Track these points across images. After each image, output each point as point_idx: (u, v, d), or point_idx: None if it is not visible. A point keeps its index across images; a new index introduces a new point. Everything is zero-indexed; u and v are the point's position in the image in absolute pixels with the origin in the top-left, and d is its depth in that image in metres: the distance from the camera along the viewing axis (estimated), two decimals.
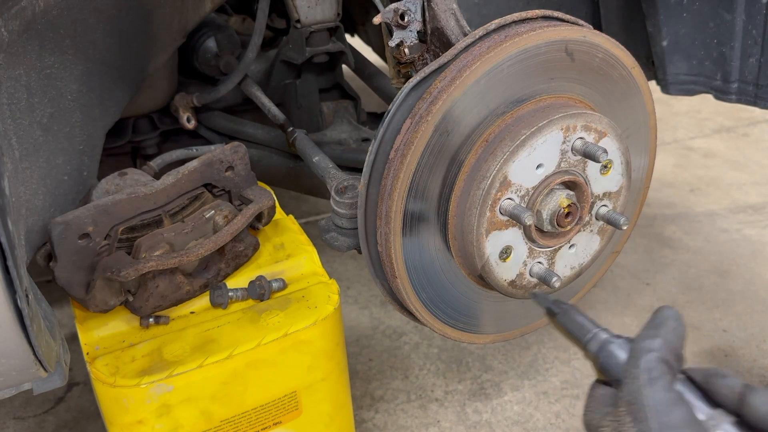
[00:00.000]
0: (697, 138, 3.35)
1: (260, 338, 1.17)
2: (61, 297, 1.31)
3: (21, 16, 1.00)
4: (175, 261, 1.16)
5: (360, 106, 1.96)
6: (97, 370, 1.12)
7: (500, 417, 1.74)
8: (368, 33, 2.33)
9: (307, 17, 1.71)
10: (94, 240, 1.15)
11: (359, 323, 2.10)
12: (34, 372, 0.96)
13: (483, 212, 1.08)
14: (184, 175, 1.24)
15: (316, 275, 1.33)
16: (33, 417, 1.80)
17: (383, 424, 1.73)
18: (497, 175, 1.07)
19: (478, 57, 1.06)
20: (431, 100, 1.06)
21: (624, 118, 1.25)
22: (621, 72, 1.21)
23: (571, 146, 1.11)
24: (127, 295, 1.19)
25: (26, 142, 1.09)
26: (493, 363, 1.91)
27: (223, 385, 1.16)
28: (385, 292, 1.21)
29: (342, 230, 1.27)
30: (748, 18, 1.44)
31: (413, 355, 1.95)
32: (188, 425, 1.16)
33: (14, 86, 1.04)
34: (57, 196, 1.20)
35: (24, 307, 0.87)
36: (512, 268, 1.15)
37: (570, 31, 1.11)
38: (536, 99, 1.13)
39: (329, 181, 1.36)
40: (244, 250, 1.32)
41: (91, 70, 1.26)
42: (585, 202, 1.17)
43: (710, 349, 1.95)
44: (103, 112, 1.36)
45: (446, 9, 1.15)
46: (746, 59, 1.49)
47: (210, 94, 1.76)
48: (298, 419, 1.27)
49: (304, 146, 1.58)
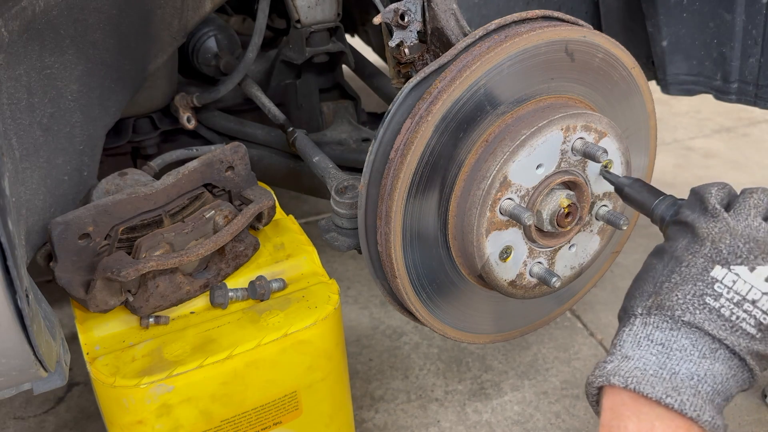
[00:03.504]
0: (697, 138, 3.35)
1: (260, 338, 1.18)
2: (61, 297, 1.31)
3: (21, 17, 1.00)
4: (176, 261, 1.16)
5: (360, 106, 1.96)
6: (97, 370, 1.12)
7: (500, 417, 1.74)
8: (368, 33, 2.33)
9: (308, 17, 1.71)
10: (94, 240, 1.15)
11: (359, 323, 2.10)
12: (34, 372, 0.96)
13: (483, 212, 1.08)
14: (184, 175, 1.25)
15: (316, 275, 1.33)
16: (33, 417, 1.80)
17: (383, 424, 1.73)
18: (497, 175, 1.07)
19: (478, 57, 1.06)
20: (431, 100, 1.06)
21: (624, 118, 1.25)
22: (621, 72, 1.21)
23: (571, 146, 1.11)
24: (127, 295, 1.19)
25: (26, 142, 1.09)
26: (493, 363, 1.91)
27: (223, 385, 1.16)
28: (385, 292, 1.21)
29: (342, 230, 1.27)
30: (748, 18, 1.44)
31: (413, 355, 1.95)
32: (188, 425, 1.16)
33: (14, 86, 1.04)
34: (57, 196, 1.20)
35: (24, 307, 0.87)
36: (512, 268, 1.15)
37: (570, 31, 1.11)
38: (536, 99, 1.13)
39: (329, 181, 1.36)
40: (244, 250, 1.32)
41: (91, 70, 1.26)
42: (585, 202, 1.17)
43: None
44: (103, 112, 1.36)
45: (446, 9, 1.15)
46: (746, 59, 1.49)
47: (210, 94, 1.76)
48: (298, 419, 1.27)
49: (304, 146, 1.58)
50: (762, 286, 0.82)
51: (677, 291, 0.84)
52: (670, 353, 0.81)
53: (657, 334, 0.83)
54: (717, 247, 0.84)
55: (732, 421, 1.71)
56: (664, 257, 0.89)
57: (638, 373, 0.80)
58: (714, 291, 0.83)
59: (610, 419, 0.81)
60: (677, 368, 0.80)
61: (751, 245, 0.83)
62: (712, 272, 0.83)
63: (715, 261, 0.84)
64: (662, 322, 0.84)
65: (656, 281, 0.88)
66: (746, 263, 0.82)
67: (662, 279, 0.87)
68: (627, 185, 1.04)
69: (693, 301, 0.83)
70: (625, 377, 0.80)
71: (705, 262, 0.84)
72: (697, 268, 0.84)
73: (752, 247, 0.83)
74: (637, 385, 0.79)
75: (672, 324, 0.83)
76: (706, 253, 0.84)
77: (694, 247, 0.86)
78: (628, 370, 0.80)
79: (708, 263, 0.84)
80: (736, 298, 0.82)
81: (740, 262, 0.83)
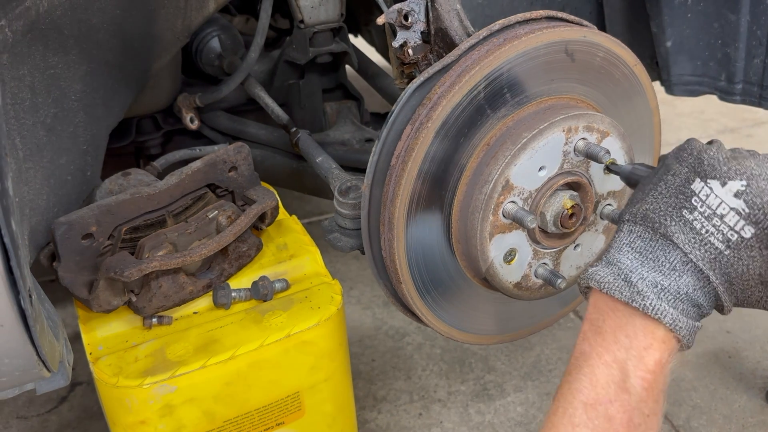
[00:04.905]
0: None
1: (263, 339, 1.17)
2: (64, 297, 1.31)
3: (25, 17, 1.00)
4: (179, 261, 1.16)
5: (363, 107, 1.96)
6: (100, 370, 1.12)
7: (503, 418, 1.74)
8: (372, 33, 2.33)
9: (311, 18, 1.71)
10: (98, 240, 1.15)
11: (362, 324, 2.10)
12: (37, 372, 0.96)
13: (486, 216, 1.08)
14: (187, 176, 1.24)
15: (319, 276, 1.33)
16: (36, 416, 1.80)
17: (386, 425, 1.73)
18: (499, 178, 1.07)
19: (477, 61, 1.06)
20: (431, 106, 1.06)
21: (627, 117, 1.25)
22: (623, 70, 1.20)
23: (573, 147, 1.11)
24: (130, 295, 1.19)
25: (30, 142, 1.09)
26: (496, 364, 1.91)
27: (226, 385, 1.16)
28: (389, 293, 1.21)
29: (345, 231, 1.27)
30: (752, 19, 1.44)
31: (416, 356, 1.95)
32: (191, 426, 1.16)
33: (18, 86, 1.04)
34: (60, 196, 1.20)
35: (27, 307, 0.87)
36: (517, 270, 1.15)
37: (570, 31, 1.11)
38: (538, 101, 1.13)
39: (332, 182, 1.35)
40: (247, 250, 1.32)
41: (94, 70, 1.26)
42: (589, 202, 1.16)
43: (714, 351, 1.95)
44: (106, 112, 1.36)
45: (450, 9, 1.15)
46: (751, 60, 1.49)
47: (212, 95, 1.76)
48: (301, 420, 1.27)
49: (307, 146, 1.58)
50: (730, 201, 0.84)
51: (661, 202, 0.89)
52: (644, 262, 0.88)
53: (638, 243, 0.89)
54: (700, 158, 0.88)
55: (736, 423, 1.70)
56: (658, 166, 0.94)
57: (611, 278, 0.88)
58: (691, 204, 0.87)
59: (592, 314, 0.91)
60: (646, 275, 0.87)
61: (729, 159, 0.86)
62: (692, 185, 0.87)
63: (697, 172, 0.87)
64: (644, 231, 0.89)
65: (645, 188, 0.92)
66: (720, 177, 0.85)
67: (650, 187, 0.91)
68: (630, 170, 1.03)
69: (672, 213, 0.88)
70: (599, 281, 0.88)
71: (688, 172, 0.88)
72: (681, 177, 0.89)
73: (728, 160, 0.86)
74: (608, 290, 0.87)
75: (652, 235, 0.89)
76: (691, 162, 0.88)
77: (682, 155, 0.90)
78: (604, 275, 0.88)
79: (690, 174, 0.88)
80: (708, 212, 0.86)
81: (715, 176, 0.86)
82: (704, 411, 1.74)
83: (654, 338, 0.86)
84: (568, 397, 0.88)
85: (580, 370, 0.89)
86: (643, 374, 0.85)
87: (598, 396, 0.86)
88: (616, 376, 0.86)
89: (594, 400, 0.86)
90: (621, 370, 0.86)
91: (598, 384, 0.86)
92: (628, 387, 0.85)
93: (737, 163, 0.86)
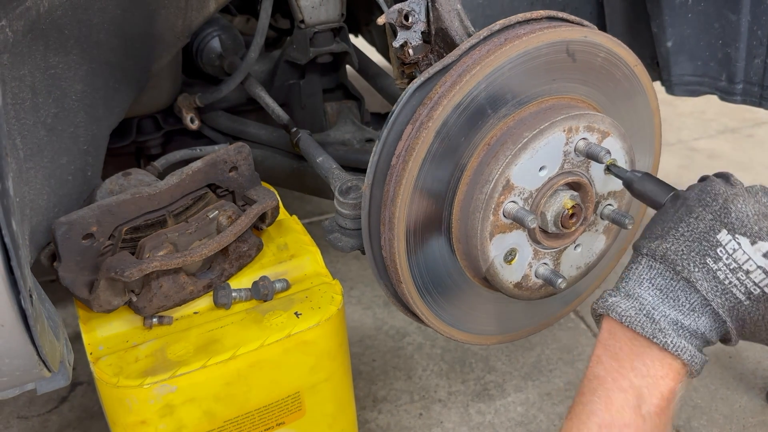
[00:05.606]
0: (701, 139, 3.34)
1: (264, 339, 1.18)
2: (64, 297, 1.31)
3: (26, 17, 1.00)
4: (179, 261, 1.16)
5: (364, 107, 1.96)
6: (100, 370, 1.12)
7: (503, 418, 1.74)
8: (372, 33, 2.33)
9: (311, 18, 1.71)
10: (98, 240, 1.15)
11: (362, 324, 2.10)
12: (37, 372, 0.96)
13: (486, 216, 1.08)
14: (188, 176, 1.24)
15: (320, 276, 1.33)
16: (37, 416, 1.80)
17: (386, 425, 1.73)
18: (500, 178, 1.07)
19: (477, 61, 1.06)
20: (432, 106, 1.06)
21: (628, 117, 1.25)
22: (624, 71, 1.20)
23: (574, 147, 1.11)
24: (130, 295, 1.19)
25: (30, 142, 1.09)
26: (497, 364, 1.91)
27: (227, 385, 1.16)
28: (389, 294, 1.21)
29: (345, 231, 1.27)
30: (753, 19, 1.44)
31: (416, 356, 1.95)
32: (191, 426, 1.16)
33: (19, 86, 1.04)
34: (61, 196, 1.20)
35: (28, 307, 0.87)
36: (517, 270, 1.15)
37: (570, 31, 1.11)
38: (538, 101, 1.13)
39: (333, 182, 1.35)
40: (247, 250, 1.32)
41: (95, 70, 1.26)
42: (589, 202, 1.16)
43: (714, 351, 1.95)
44: (107, 112, 1.36)
45: (450, 9, 1.15)
46: (751, 60, 1.49)
47: (212, 94, 1.76)
48: (302, 420, 1.27)
49: (307, 146, 1.58)
50: (759, 260, 0.88)
51: (683, 245, 0.91)
52: (665, 299, 0.92)
53: (659, 281, 0.93)
54: (726, 208, 0.90)
55: (736, 423, 1.70)
56: (677, 202, 0.96)
57: (633, 312, 0.91)
58: (716, 254, 0.90)
59: (607, 338, 0.94)
60: (667, 313, 0.91)
61: (759, 218, 0.89)
62: (718, 235, 0.90)
63: (723, 223, 0.90)
64: (666, 271, 0.92)
65: (665, 225, 0.95)
66: (749, 235, 0.88)
67: (671, 225, 0.94)
68: (636, 180, 1.05)
69: (695, 259, 0.91)
70: (621, 314, 0.92)
71: (713, 220, 0.90)
72: (705, 224, 0.91)
73: (759, 220, 0.89)
74: (630, 323, 0.91)
75: (673, 275, 0.92)
76: (716, 210, 0.91)
77: (706, 200, 0.92)
78: (625, 308, 0.92)
79: (716, 223, 0.90)
80: (733, 265, 0.89)
81: (744, 233, 0.89)
82: (705, 411, 1.74)
83: (670, 369, 0.90)
84: (583, 418, 0.91)
85: (594, 393, 0.91)
86: (658, 401, 0.89)
87: (613, 419, 0.89)
88: (631, 401, 0.89)
89: (609, 423, 0.89)
90: (637, 396, 0.89)
91: (612, 407, 0.89)
92: (643, 413, 0.89)
93: (765, 220, 0.89)
